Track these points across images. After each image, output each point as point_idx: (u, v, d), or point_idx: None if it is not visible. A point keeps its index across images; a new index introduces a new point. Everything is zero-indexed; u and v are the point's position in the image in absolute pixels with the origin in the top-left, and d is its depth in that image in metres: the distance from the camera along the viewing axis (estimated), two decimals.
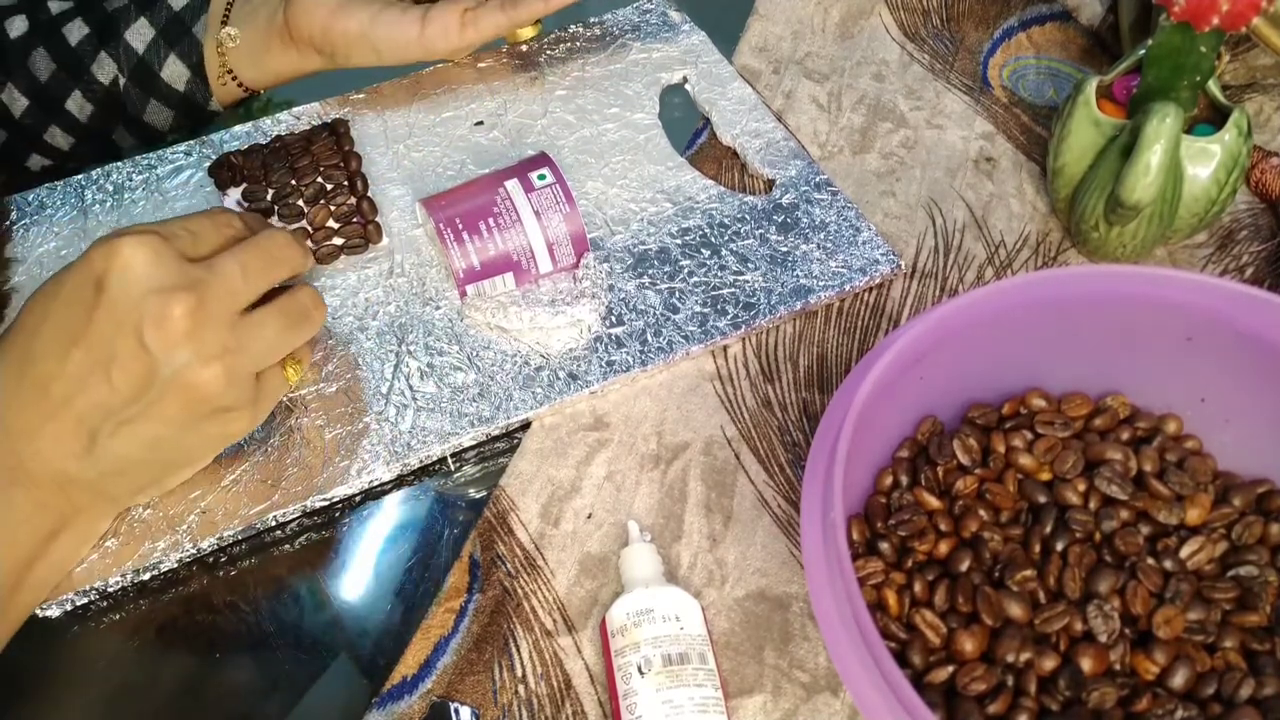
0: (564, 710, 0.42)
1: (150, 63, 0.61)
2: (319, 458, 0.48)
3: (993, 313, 0.42)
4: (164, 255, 0.39)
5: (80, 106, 0.61)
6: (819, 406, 0.51)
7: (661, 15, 0.70)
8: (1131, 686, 0.37)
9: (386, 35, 0.59)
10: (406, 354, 0.52)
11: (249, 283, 0.42)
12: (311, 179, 0.56)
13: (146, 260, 0.39)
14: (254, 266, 0.42)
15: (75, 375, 0.39)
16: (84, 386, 0.39)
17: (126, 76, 0.61)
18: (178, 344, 0.39)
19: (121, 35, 0.60)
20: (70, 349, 0.39)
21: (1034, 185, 0.60)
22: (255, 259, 0.42)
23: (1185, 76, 0.49)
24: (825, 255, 0.55)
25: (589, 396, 0.51)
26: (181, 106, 0.62)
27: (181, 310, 0.39)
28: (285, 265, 0.44)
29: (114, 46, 0.61)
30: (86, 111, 0.62)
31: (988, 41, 0.69)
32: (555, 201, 0.52)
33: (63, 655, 0.44)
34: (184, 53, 0.61)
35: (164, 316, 0.39)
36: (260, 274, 0.43)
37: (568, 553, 0.46)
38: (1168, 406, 0.45)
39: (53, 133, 0.62)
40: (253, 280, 0.42)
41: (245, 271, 0.42)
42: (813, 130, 0.64)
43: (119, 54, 0.61)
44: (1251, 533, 0.41)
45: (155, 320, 0.39)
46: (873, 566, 0.40)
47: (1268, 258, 0.56)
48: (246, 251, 0.42)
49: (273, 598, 0.46)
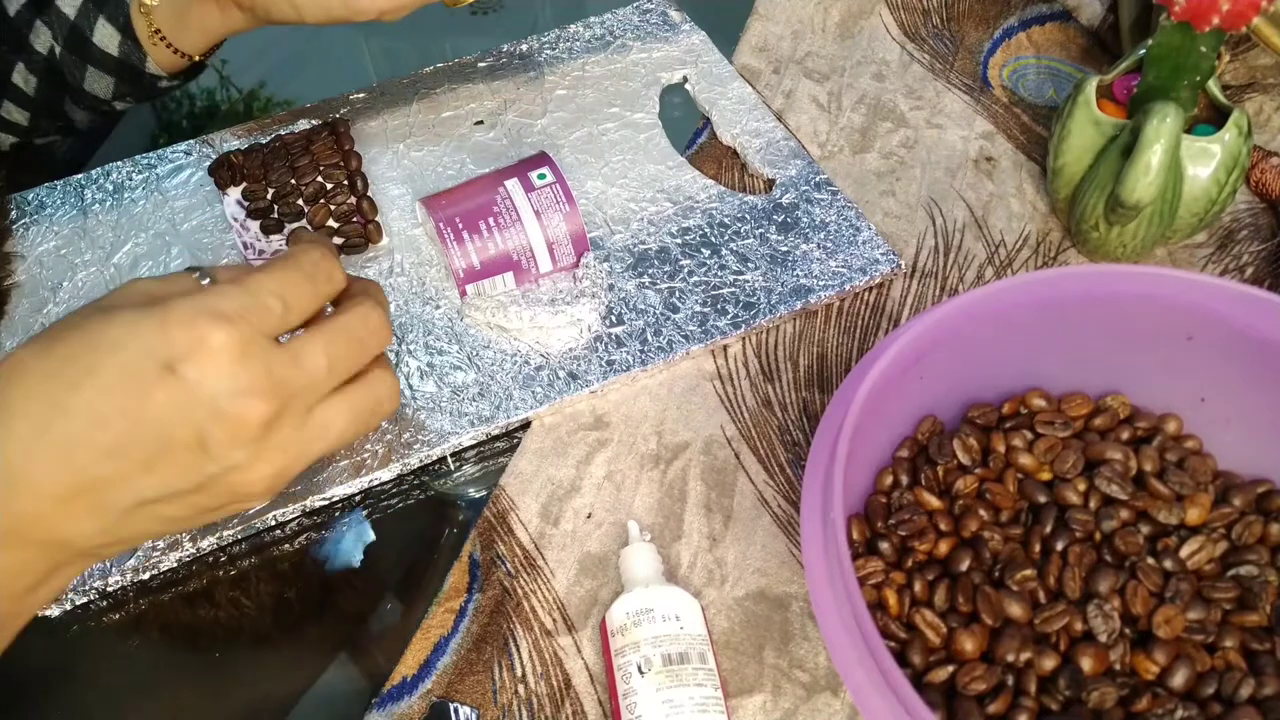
0: (564, 710, 0.42)
1: (81, 28, 0.59)
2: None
3: (993, 313, 0.42)
4: (253, 354, 0.34)
5: (25, 79, 0.60)
6: (819, 406, 0.51)
7: (661, 15, 0.70)
8: (1131, 686, 0.37)
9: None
10: (406, 353, 0.52)
11: (332, 377, 0.37)
12: (311, 178, 0.56)
13: (233, 358, 0.34)
14: (341, 359, 0.37)
15: (112, 451, 0.34)
16: (119, 468, 0.34)
17: (61, 45, 0.59)
18: (241, 446, 0.35)
19: (53, 2, 0.59)
20: (114, 419, 0.33)
21: (1034, 185, 0.60)
22: (345, 348, 0.37)
23: (1185, 76, 0.49)
24: (825, 255, 0.55)
25: (589, 396, 0.51)
26: (119, 72, 0.60)
27: (257, 417, 0.34)
28: (372, 350, 0.38)
29: (48, 14, 0.59)
30: (31, 84, 0.60)
31: (988, 41, 0.69)
32: (555, 201, 0.52)
33: (63, 655, 0.44)
34: (111, 15, 0.59)
35: (239, 423, 0.34)
36: (346, 366, 0.37)
37: (568, 552, 0.46)
38: (1168, 406, 0.45)
39: (8, 108, 0.61)
40: (337, 374, 0.37)
41: (332, 367, 0.37)
42: (813, 130, 0.64)
43: (52, 22, 0.59)
44: (1251, 532, 0.41)
45: (228, 425, 0.34)
46: (873, 566, 0.40)
47: (1268, 258, 0.56)
48: (337, 341, 0.37)
49: (273, 598, 0.46)
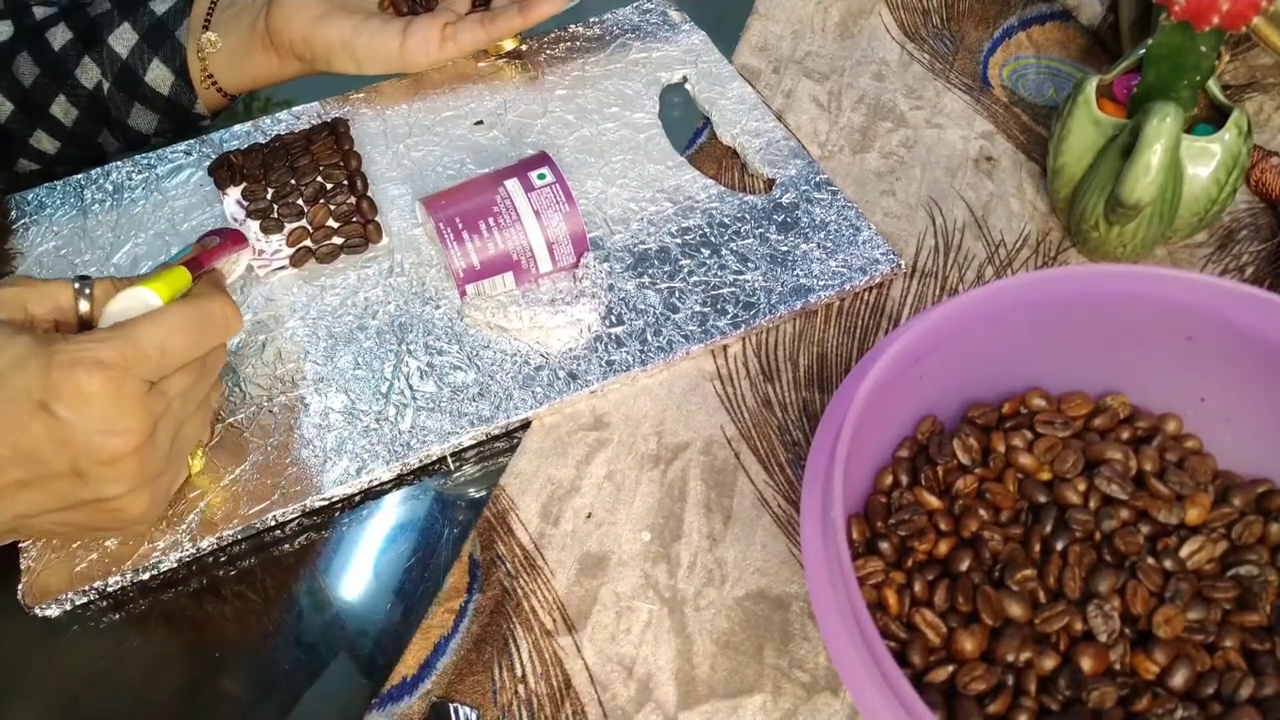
0: (564, 710, 0.42)
1: (134, 67, 0.61)
2: (319, 458, 0.48)
3: (993, 313, 0.42)
4: (125, 396, 0.38)
5: (65, 111, 0.62)
6: (819, 406, 0.51)
7: (661, 15, 0.70)
8: (1131, 686, 0.37)
9: (368, 45, 0.60)
10: (406, 353, 0.52)
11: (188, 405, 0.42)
12: (311, 178, 0.56)
13: (106, 401, 0.38)
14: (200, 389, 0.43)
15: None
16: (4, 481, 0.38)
17: (110, 81, 0.61)
18: (115, 480, 0.39)
19: (105, 40, 0.61)
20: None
21: (1034, 185, 0.60)
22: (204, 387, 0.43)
23: (1185, 76, 0.49)
24: (825, 255, 0.55)
25: (589, 396, 0.51)
26: (166, 110, 0.63)
27: (127, 450, 0.38)
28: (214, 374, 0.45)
29: (97, 51, 0.61)
30: (71, 116, 0.62)
31: (988, 41, 0.69)
32: (555, 201, 0.52)
33: (63, 655, 0.44)
34: (167, 57, 0.61)
35: (111, 458, 0.38)
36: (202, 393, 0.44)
37: (567, 552, 0.46)
38: (1168, 406, 0.45)
39: (38, 137, 0.63)
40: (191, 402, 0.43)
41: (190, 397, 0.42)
42: (813, 130, 0.64)
43: (102, 58, 0.61)
44: (1251, 532, 0.41)
45: (101, 459, 0.38)
46: (873, 566, 0.40)
47: (1268, 258, 0.56)
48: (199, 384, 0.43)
49: (272, 598, 0.46)
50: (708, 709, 0.42)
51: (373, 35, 0.60)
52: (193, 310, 0.41)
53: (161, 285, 0.42)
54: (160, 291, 0.42)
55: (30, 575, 0.45)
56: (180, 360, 0.40)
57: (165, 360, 0.40)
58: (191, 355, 0.41)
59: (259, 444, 0.49)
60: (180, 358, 0.40)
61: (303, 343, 0.53)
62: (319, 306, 0.54)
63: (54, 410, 0.37)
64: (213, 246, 0.48)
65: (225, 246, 0.48)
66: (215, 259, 0.47)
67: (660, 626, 0.44)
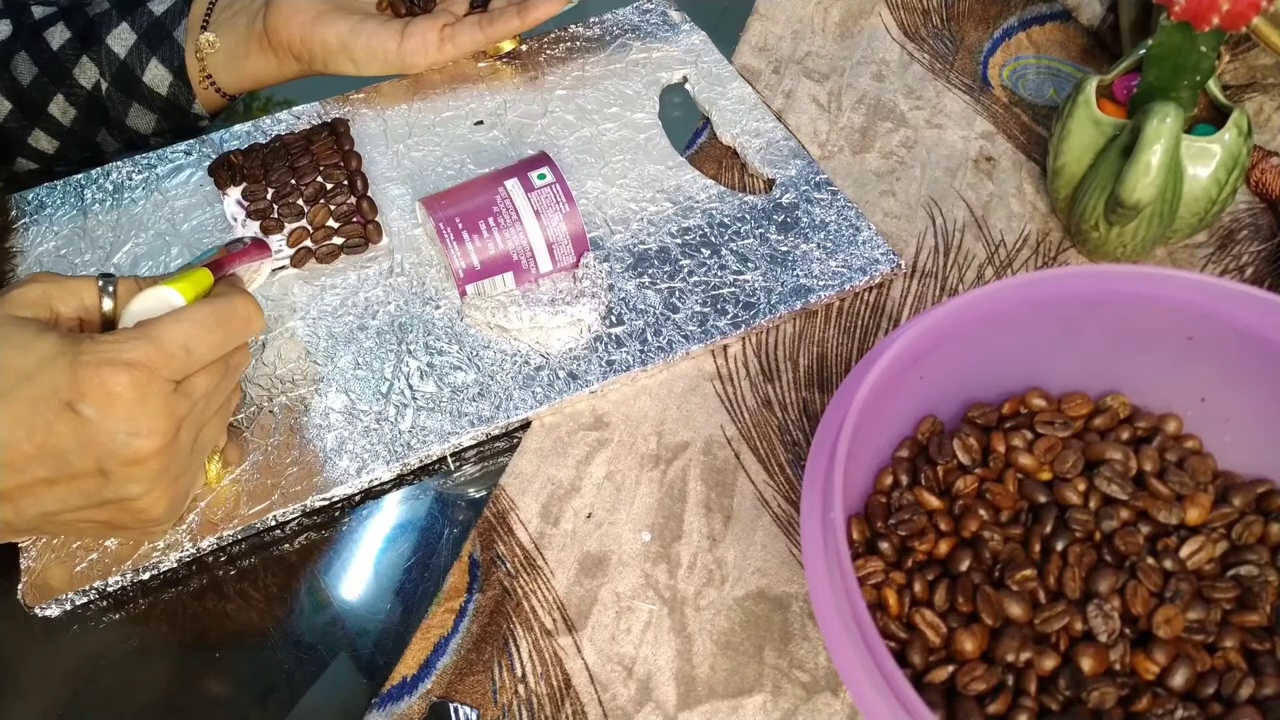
0: (564, 710, 0.42)
1: (132, 67, 0.61)
2: (319, 458, 0.48)
3: (993, 313, 0.42)
4: (151, 396, 0.38)
5: (63, 110, 0.62)
6: (819, 406, 0.51)
7: (661, 15, 0.70)
8: (1131, 686, 0.37)
9: (365, 46, 0.60)
10: (406, 353, 0.52)
11: (210, 407, 0.42)
12: (311, 178, 0.56)
13: (132, 403, 0.38)
14: (223, 391, 0.43)
15: (15, 466, 0.38)
16: (21, 481, 0.38)
17: (109, 81, 0.61)
18: (138, 480, 0.39)
19: (103, 40, 0.61)
20: (20, 441, 0.37)
21: (1034, 185, 0.60)
22: (227, 389, 0.43)
23: (1185, 76, 0.49)
24: (825, 255, 0.55)
25: (589, 396, 0.51)
26: (165, 110, 0.63)
27: (152, 451, 0.38)
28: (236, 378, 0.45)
29: (95, 51, 0.61)
30: (69, 115, 0.62)
31: (988, 41, 0.69)
32: (555, 201, 0.52)
33: (63, 655, 0.44)
34: (165, 57, 0.61)
35: (135, 458, 0.38)
36: (225, 395, 0.43)
37: (567, 552, 0.46)
38: (1168, 406, 0.45)
39: (36, 136, 0.63)
40: (213, 404, 0.43)
41: (212, 399, 0.42)
42: (813, 130, 0.64)
43: (101, 58, 0.61)
44: (1251, 532, 0.41)
45: (125, 459, 0.38)
46: (873, 566, 0.40)
47: (1268, 258, 0.56)
48: (222, 385, 0.43)
49: (273, 598, 0.46)
50: (708, 709, 0.42)
51: (370, 36, 0.60)
52: (215, 308, 0.41)
53: (185, 285, 0.42)
54: (184, 291, 0.42)
55: (30, 575, 0.45)
56: (205, 359, 0.41)
57: (190, 359, 0.40)
58: (215, 354, 0.41)
59: (259, 444, 0.49)
60: (204, 356, 0.40)
61: (303, 343, 0.53)
62: (319, 306, 0.54)
63: (80, 410, 0.37)
64: (238, 250, 0.48)
65: (249, 251, 0.49)
66: (238, 263, 0.48)
67: (660, 626, 0.44)
